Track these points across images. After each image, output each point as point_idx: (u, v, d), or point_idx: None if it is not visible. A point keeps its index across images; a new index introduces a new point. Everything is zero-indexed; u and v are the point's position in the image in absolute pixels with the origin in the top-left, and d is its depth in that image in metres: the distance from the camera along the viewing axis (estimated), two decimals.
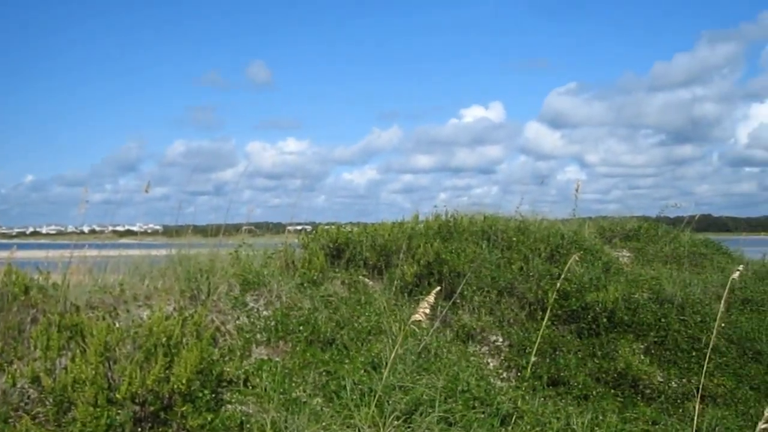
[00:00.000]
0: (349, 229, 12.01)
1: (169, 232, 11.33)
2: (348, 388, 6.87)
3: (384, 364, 7.18)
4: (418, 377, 7.38)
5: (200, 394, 6.06)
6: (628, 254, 14.80)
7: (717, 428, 7.99)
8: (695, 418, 7.41)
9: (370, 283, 10.70)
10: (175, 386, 5.92)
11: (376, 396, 6.49)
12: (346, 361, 7.64)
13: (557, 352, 9.86)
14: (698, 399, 8.00)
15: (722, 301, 4.29)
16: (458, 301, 10.28)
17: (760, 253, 18.29)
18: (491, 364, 9.70)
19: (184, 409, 5.93)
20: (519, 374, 9.30)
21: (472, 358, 9.17)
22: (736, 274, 3.85)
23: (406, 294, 10.38)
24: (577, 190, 13.66)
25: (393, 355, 6.60)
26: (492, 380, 8.83)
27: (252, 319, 8.29)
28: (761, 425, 3.52)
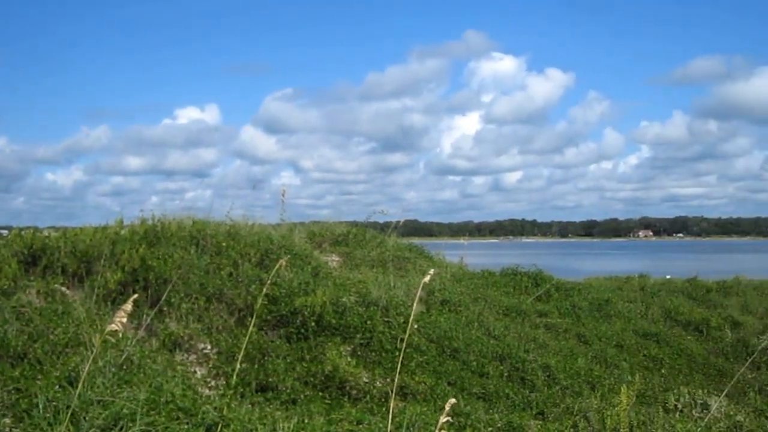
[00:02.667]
0: (47, 234, 11.33)
1: None
2: (41, 405, 6.48)
3: (81, 378, 6.86)
4: (119, 390, 7.12)
5: None
6: (337, 258, 15.31)
7: (417, 424, 8.47)
8: (390, 415, 7.81)
9: (68, 292, 10.16)
10: None
11: (71, 412, 6.18)
12: (39, 376, 7.21)
13: (266, 358, 9.96)
14: (393, 396, 8.45)
15: (415, 303, 4.57)
16: (165, 308, 10.06)
17: (458, 256, 19.78)
18: (199, 373, 9.58)
19: None
20: (227, 382, 9.28)
21: (178, 368, 9.02)
22: (427, 278, 4.13)
23: (109, 303, 9.97)
24: (283, 195, 13.94)
25: (88, 367, 6.32)
26: (199, 389, 8.73)
27: None
28: (442, 419, 3.80)
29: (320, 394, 9.65)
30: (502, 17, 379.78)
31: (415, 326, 11.34)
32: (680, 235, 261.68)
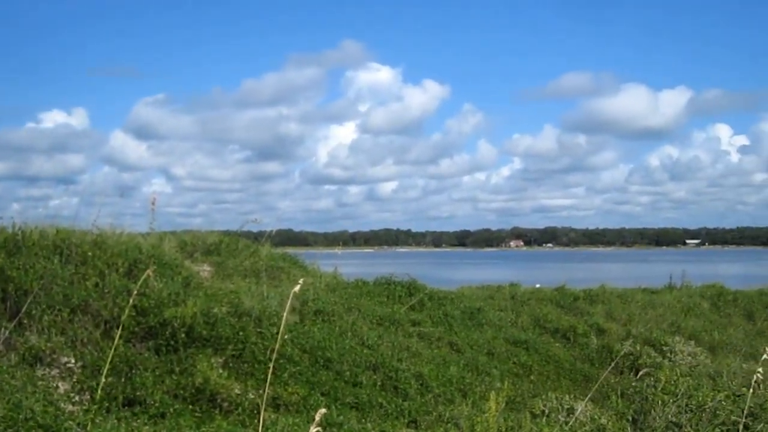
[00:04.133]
0: None
1: None
2: None
3: None
4: None
5: None
6: (208, 268, 15.11)
7: None
8: (261, 427, 7.79)
9: None
10: None
11: None
12: None
13: (133, 371, 9.74)
14: (263, 408, 8.42)
15: (285, 313, 4.59)
16: (25, 321, 9.70)
17: (333, 266, 19.84)
18: (62, 388, 9.28)
19: None
20: (92, 396, 9.03)
21: (39, 383, 8.73)
22: (297, 288, 4.16)
23: None
24: (153, 203, 13.67)
25: None
26: (62, 405, 8.47)
27: None
28: (312, 430, 3.84)
29: (190, 407, 9.51)
30: (379, 28, 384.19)
31: (286, 336, 11.32)
32: (550, 245, 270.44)
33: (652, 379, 13.25)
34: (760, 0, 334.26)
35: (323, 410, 4.27)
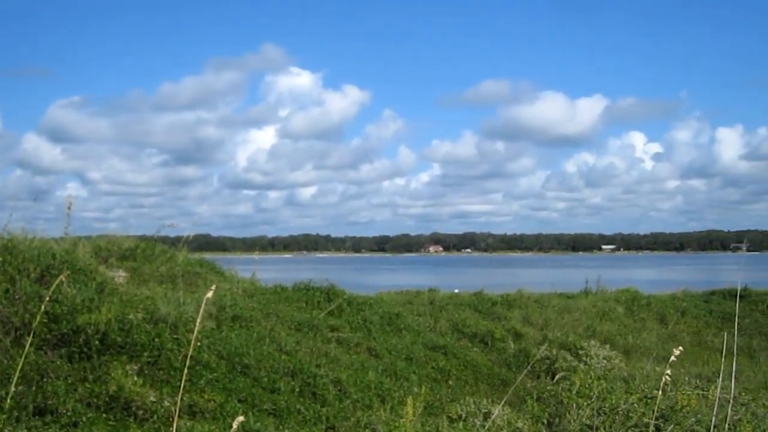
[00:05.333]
0: None
1: None
2: None
3: None
4: None
5: None
6: (124, 274, 14.89)
7: None
8: None
9: None
10: None
11: None
12: None
13: (45, 379, 9.55)
14: (176, 415, 8.37)
15: (198, 319, 4.61)
16: None
17: (251, 271, 19.76)
18: None
19: None
20: (0, 406, 8.83)
21: None
22: (210, 293, 4.20)
23: None
24: (69, 208, 13.42)
25: None
26: None
27: None
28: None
29: (104, 415, 9.39)
30: (300, 33, 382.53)
31: (203, 342, 11.26)
32: (468, 250, 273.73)
33: (567, 382, 13.58)
34: (673, 11, 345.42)
35: (241, 418, 4.31)
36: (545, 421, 11.66)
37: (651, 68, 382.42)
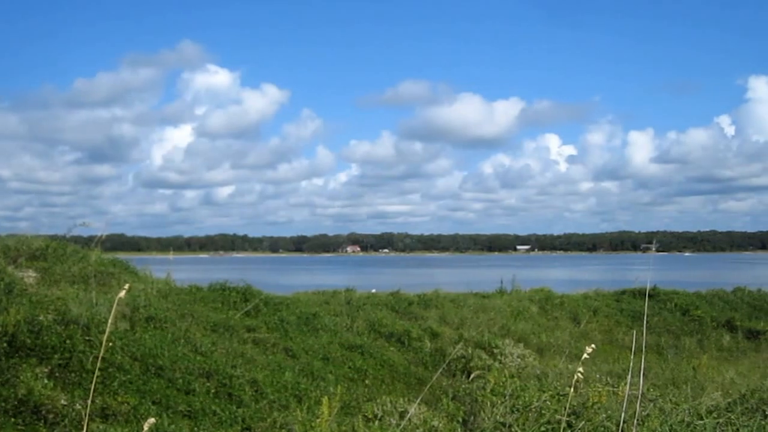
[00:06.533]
0: None
1: None
2: None
3: None
4: None
5: None
6: (34, 274, 14.56)
7: None
8: None
9: None
10: None
11: None
12: None
13: None
14: (86, 419, 8.25)
15: (110, 320, 4.58)
16: None
17: (166, 271, 19.52)
18: None
19: None
20: None
21: None
22: (122, 293, 4.17)
23: None
24: None
25: None
26: None
27: None
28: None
29: (12, 419, 9.18)
30: (218, 30, 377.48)
31: (111, 344, 11.09)
32: (386, 250, 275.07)
33: (482, 381, 13.80)
34: (587, 17, 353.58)
35: (152, 420, 4.28)
36: (460, 420, 11.82)
37: (566, 72, 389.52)
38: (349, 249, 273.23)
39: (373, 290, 26.23)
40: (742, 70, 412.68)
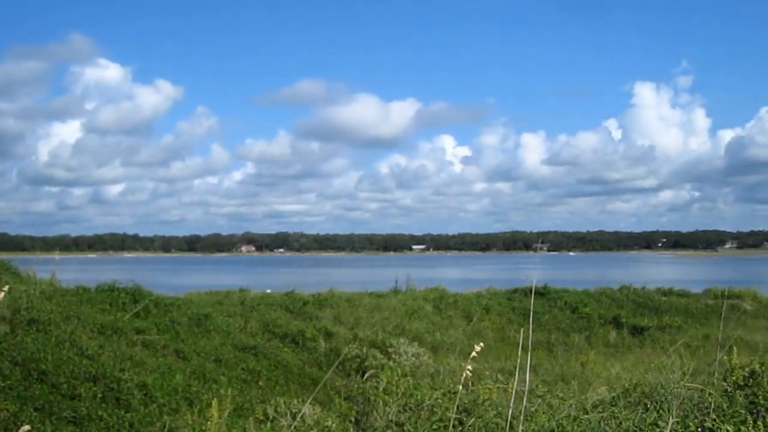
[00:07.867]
0: None
1: None
2: None
3: None
4: None
5: None
6: None
7: None
8: None
9: None
10: None
11: None
12: None
13: None
14: None
15: None
16: None
17: (50, 272, 18.91)
18: None
19: None
20: None
21: None
22: (1, 295, 3.99)
23: None
24: None
25: None
26: None
27: None
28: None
29: None
30: (110, 24, 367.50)
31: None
32: (281, 250, 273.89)
33: (376, 380, 13.83)
34: (482, 21, 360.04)
35: (27, 427, 4.09)
36: (353, 419, 11.82)
37: (462, 75, 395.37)
38: (243, 248, 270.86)
39: (268, 290, 26.05)
40: (628, 76, 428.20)
